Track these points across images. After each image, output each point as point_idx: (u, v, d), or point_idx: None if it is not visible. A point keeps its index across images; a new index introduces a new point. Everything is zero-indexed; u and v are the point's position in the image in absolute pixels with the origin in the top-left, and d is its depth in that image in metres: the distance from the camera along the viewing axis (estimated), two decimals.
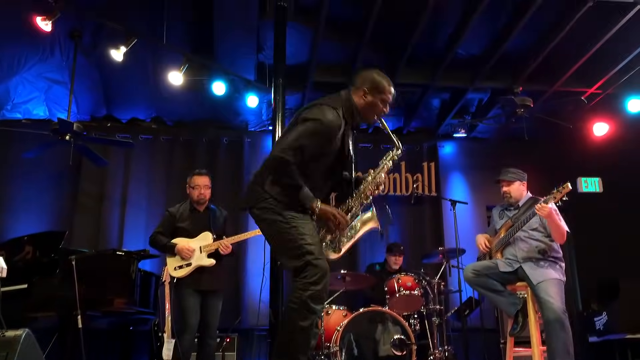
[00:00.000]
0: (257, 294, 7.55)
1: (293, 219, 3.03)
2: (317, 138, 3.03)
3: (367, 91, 3.19)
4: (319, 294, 2.92)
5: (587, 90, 7.28)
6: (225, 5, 5.76)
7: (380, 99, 3.21)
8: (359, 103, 3.21)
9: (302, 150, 3.01)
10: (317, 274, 2.91)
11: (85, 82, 7.25)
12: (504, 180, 4.88)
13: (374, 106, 3.21)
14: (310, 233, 3.02)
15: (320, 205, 3.08)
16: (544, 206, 4.34)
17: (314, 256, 2.94)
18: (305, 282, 2.92)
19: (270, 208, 3.07)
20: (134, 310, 5.35)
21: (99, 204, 7.79)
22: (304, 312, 2.91)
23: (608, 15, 5.98)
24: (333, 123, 3.04)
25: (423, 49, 6.83)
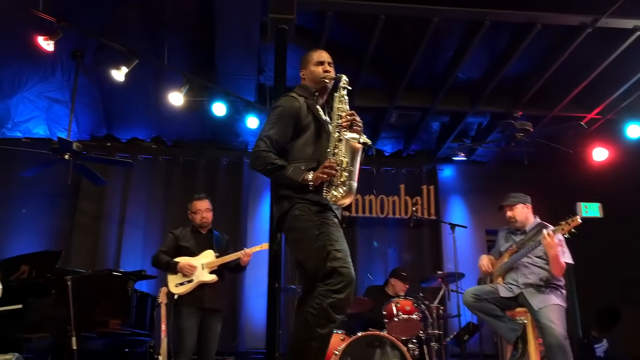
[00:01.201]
0: (255, 317, 7.54)
1: (322, 225, 3.00)
2: (283, 119, 3.19)
3: (302, 69, 3.48)
4: (341, 304, 2.86)
5: (587, 115, 7.30)
6: (227, 27, 5.80)
7: (313, 64, 3.42)
8: (307, 80, 3.43)
9: (270, 137, 3.14)
10: (342, 282, 2.85)
11: (86, 102, 7.28)
12: (506, 205, 4.86)
13: (313, 73, 3.40)
14: (339, 240, 2.98)
15: (311, 174, 3.02)
16: (551, 239, 4.32)
17: (340, 264, 2.89)
18: (328, 289, 2.85)
19: (299, 215, 3.04)
20: (129, 332, 5.30)
21: (96, 223, 7.77)
22: (323, 320, 2.84)
23: (607, 41, 6.01)
24: (291, 103, 3.23)
25: (423, 73, 6.87)
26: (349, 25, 6.14)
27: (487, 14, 5.57)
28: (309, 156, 3.13)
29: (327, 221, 3.03)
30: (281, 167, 3.07)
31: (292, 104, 3.23)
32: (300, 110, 3.22)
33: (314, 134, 3.21)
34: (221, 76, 6.67)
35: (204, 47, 6.43)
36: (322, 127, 3.25)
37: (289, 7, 5.14)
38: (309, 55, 3.49)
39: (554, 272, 4.45)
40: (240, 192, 8.16)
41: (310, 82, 3.41)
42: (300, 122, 3.20)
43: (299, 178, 3.02)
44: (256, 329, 7.46)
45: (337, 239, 2.99)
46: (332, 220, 3.06)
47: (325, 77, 3.36)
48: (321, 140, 3.21)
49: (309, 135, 3.20)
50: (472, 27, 5.92)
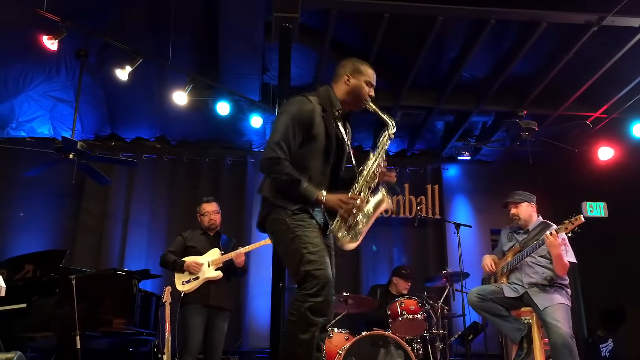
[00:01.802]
0: (259, 316, 7.53)
1: (297, 228, 2.92)
2: (295, 124, 2.99)
3: (349, 75, 3.20)
4: (320, 306, 2.81)
5: (592, 114, 7.27)
6: (231, 26, 5.79)
7: (365, 81, 3.20)
8: (343, 90, 3.20)
9: (286, 142, 2.96)
10: (317, 285, 2.80)
11: (90, 101, 7.29)
12: (511, 202, 4.84)
13: (360, 89, 3.19)
14: (313, 242, 2.91)
15: (326, 195, 2.94)
16: (553, 237, 4.30)
17: (314, 266, 2.83)
18: (304, 294, 2.81)
19: (277, 219, 2.99)
20: (133, 331, 5.29)
21: (101, 222, 7.78)
22: (304, 325, 2.81)
23: (613, 40, 5.99)
24: (305, 107, 3.04)
25: (427, 72, 6.85)
26: (353, 24, 6.13)
27: (492, 12, 5.54)
28: (304, 169, 3.00)
29: (302, 223, 2.95)
30: (297, 181, 2.93)
31: (306, 108, 3.04)
32: (314, 115, 3.04)
33: (318, 149, 3.07)
34: (225, 75, 6.66)
35: (208, 46, 6.42)
36: (331, 148, 3.11)
37: (293, 5, 5.14)
38: (362, 65, 3.24)
39: (558, 271, 4.43)
40: (245, 191, 8.15)
41: (347, 93, 3.19)
42: (310, 130, 3.03)
43: (313, 197, 2.94)
44: (260, 329, 7.46)
45: (312, 240, 2.91)
46: (307, 221, 2.97)
47: (367, 101, 3.21)
48: (324, 159, 3.10)
49: (312, 148, 3.05)
50: (477, 26, 5.90)
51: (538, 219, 4.79)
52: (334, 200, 2.94)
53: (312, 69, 6.78)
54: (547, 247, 4.39)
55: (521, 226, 4.81)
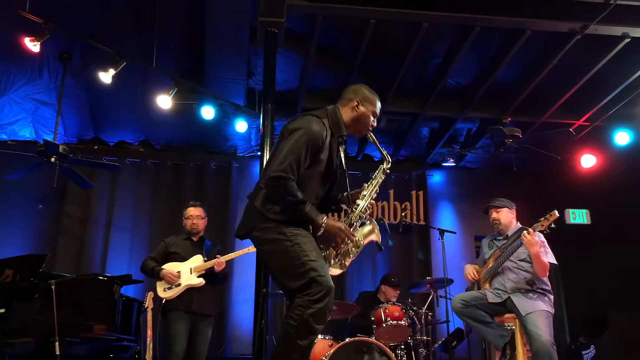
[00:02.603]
0: (242, 322, 7.48)
1: (295, 237, 2.95)
2: (307, 146, 2.99)
3: (359, 102, 3.25)
4: (322, 312, 2.83)
5: (575, 122, 7.33)
6: (216, 30, 5.77)
7: (372, 111, 3.27)
8: (351, 115, 3.26)
9: (297, 163, 2.97)
10: (321, 291, 2.82)
11: (73, 104, 7.21)
12: (492, 207, 4.88)
13: (366, 117, 3.26)
14: (313, 250, 2.96)
15: (326, 220, 3.03)
16: (530, 236, 4.33)
17: (318, 273, 2.85)
18: (308, 300, 2.81)
19: (270, 227, 3.00)
20: (114, 337, 5.21)
21: (83, 227, 7.70)
22: (304, 331, 2.81)
23: (596, 49, 6.05)
24: (318, 131, 3.04)
25: (413, 78, 6.87)
26: (339, 30, 6.13)
27: (477, 19, 5.57)
28: (301, 190, 3.00)
29: (299, 233, 2.99)
30: (303, 202, 2.97)
31: (321, 133, 3.04)
32: (324, 139, 3.07)
33: (318, 173, 3.13)
34: (210, 79, 6.62)
35: (193, 50, 6.39)
36: (330, 173, 3.19)
37: (279, 10, 5.12)
38: (372, 96, 3.30)
39: (538, 272, 4.45)
40: (229, 196, 8.12)
41: (352, 119, 3.25)
42: (319, 152, 3.07)
43: (315, 219, 3.01)
44: (244, 335, 7.40)
45: (311, 249, 2.96)
46: (303, 232, 3.01)
47: (369, 131, 3.33)
48: (320, 183, 3.18)
49: (313, 171, 3.10)
50: (462, 33, 5.92)
51: (517, 225, 4.83)
52: (334, 228, 3.05)
53: (298, 74, 6.77)
54: (525, 247, 4.42)
55: (501, 231, 4.85)
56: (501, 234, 4.87)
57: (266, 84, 5.18)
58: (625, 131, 7.32)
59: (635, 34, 5.66)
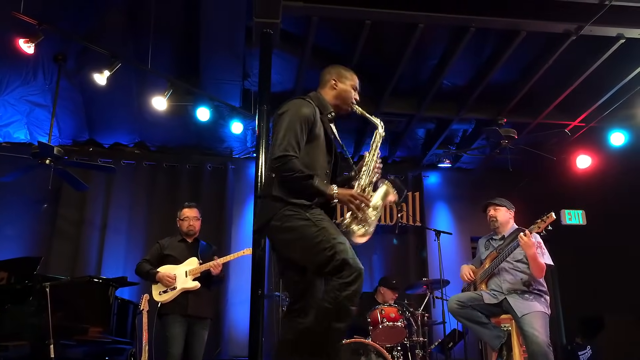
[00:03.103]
0: (238, 324, 7.47)
1: (321, 221, 2.95)
2: (301, 123, 3.06)
3: (336, 80, 3.38)
4: (355, 294, 2.84)
5: (571, 122, 7.34)
6: (212, 31, 5.76)
7: (351, 85, 3.39)
8: (332, 94, 3.37)
9: (296, 140, 3.02)
10: (353, 273, 2.83)
11: (68, 106, 7.19)
12: (491, 204, 4.88)
13: (346, 92, 3.37)
14: (339, 233, 2.96)
15: (337, 189, 3.02)
16: (527, 237, 4.33)
17: (349, 255, 2.85)
18: (342, 282, 2.82)
19: (292, 214, 2.98)
20: (110, 340, 5.21)
21: (78, 229, 7.67)
22: (341, 313, 2.83)
23: (591, 49, 6.05)
24: (308, 108, 3.13)
25: (408, 79, 6.86)
26: (335, 31, 6.12)
27: (472, 20, 5.56)
28: (308, 166, 3.04)
29: (323, 217, 2.99)
30: (310, 177, 2.98)
31: (309, 109, 3.14)
32: (314, 115, 3.15)
33: (320, 147, 3.17)
34: (206, 81, 6.61)
35: (188, 51, 6.37)
36: (331, 146, 3.23)
37: (274, 11, 5.10)
38: (348, 72, 3.43)
39: (535, 273, 4.45)
40: (225, 198, 8.10)
41: (335, 97, 3.36)
42: (313, 129, 3.13)
43: (327, 191, 3.00)
44: (240, 336, 7.39)
45: (337, 233, 2.95)
46: (326, 217, 3.02)
47: (353, 104, 3.39)
48: (326, 157, 3.20)
49: (315, 146, 3.14)
50: (458, 34, 5.92)
51: (513, 225, 4.83)
52: (346, 196, 3.03)
53: (293, 75, 6.76)
54: (522, 248, 4.42)
55: (497, 230, 4.85)
56: (497, 233, 4.87)
57: (261, 85, 5.17)
58: (621, 132, 7.33)
59: (630, 35, 5.67)
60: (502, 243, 4.74)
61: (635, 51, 5.97)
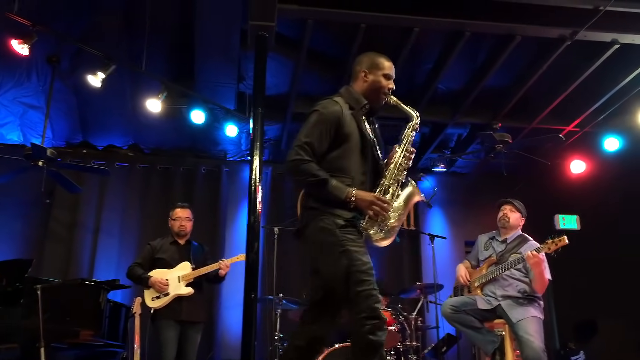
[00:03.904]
0: (232, 327, 7.43)
1: (346, 241, 2.83)
2: (321, 125, 2.93)
3: (367, 72, 3.17)
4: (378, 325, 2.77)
5: (565, 128, 7.34)
6: (207, 34, 5.74)
7: (382, 75, 3.17)
8: (363, 87, 3.16)
9: (311, 144, 2.89)
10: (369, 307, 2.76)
11: (61, 108, 7.14)
12: (510, 203, 4.86)
13: (378, 83, 3.16)
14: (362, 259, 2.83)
15: (356, 192, 2.86)
16: (535, 256, 4.31)
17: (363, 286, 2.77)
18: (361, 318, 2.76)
19: (324, 227, 2.87)
20: (101, 343, 5.17)
21: (70, 231, 7.62)
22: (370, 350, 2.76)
23: (586, 54, 6.06)
24: (331, 108, 2.98)
25: (403, 83, 6.83)
26: (330, 34, 6.11)
27: (467, 24, 5.57)
28: (343, 170, 2.93)
29: (351, 237, 2.85)
30: (324, 181, 2.84)
31: (333, 109, 2.98)
32: (341, 116, 2.97)
33: (353, 148, 2.99)
34: (200, 83, 6.59)
35: (183, 53, 6.35)
36: (366, 144, 3.04)
37: (269, 14, 5.09)
38: (378, 59, 3.21)
39: (536, 288, 4.46)
40: (219, 201, 8.07)
41: (367, 90, 3.15)
42: (341, 130, 2.96)
43: (343, 195, 2.84)
44: (233, 340, 7.35)
45: (360, 257, 2.82)
46: (356, 236, 2.88)
47: (387, 94, 3.17)
48: (361, 157, 3.02)
49: (347, 148, 2.97)
50: (453, 38, 5.93)
51: (518, 230, 4.83)
52: (364, 200, 2.86)
53: (288, 79, 6.75)
54: (530, 266, 4.41)
55: (502, 230, 4.82)
56: (501, 234, 4.86)
57: (256, 87, 5.15)
58: (615, 137, 7.34)
59: (624, 40, 5.68)
60: (504, 249, 4.72)
61: (629, 56, 6.00)
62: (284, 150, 8.16)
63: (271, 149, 8.24)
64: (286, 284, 7.27)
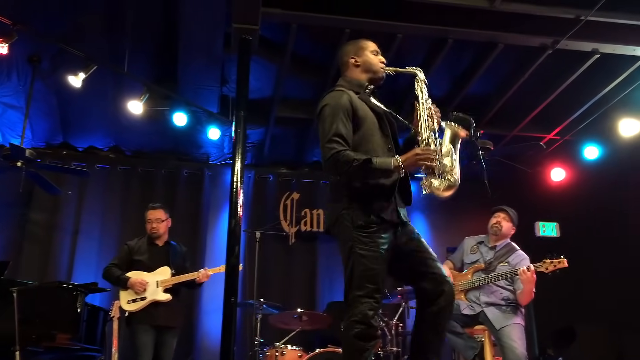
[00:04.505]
0: (211, 332, 7.37)
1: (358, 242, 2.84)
2: (339, 114, 2.95)
3: (355, 57, 3.25)
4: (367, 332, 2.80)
5: (546, 135, 7.42)
6: (190, 36, 5.71)
7: (370, 51, 3.26)
8: (357, 70, 3.24)
9: (339, 134, 2.90)
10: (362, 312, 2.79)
11: (41, 108, 7.05)
12: (505, 212, 4.87)
13: (370, 61, 3.24)
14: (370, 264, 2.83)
15: (400, 157, 2.89)
16: (532, 274, 4.32)
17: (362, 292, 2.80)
18: (351, 321, 2.79)
19: (344, 224, 2.90)
20: (79, 347, 5.10)
21: (49, 233, 7.52)
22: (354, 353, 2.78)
23: (567, 63, 6.13)
24: (340, 96, 3.03)
25: (386, 90, 6.83)
26: (314, 39, 6.12)
27: (450, 32, 5.60)
28: (369, 153, 2.93)
29: (365, 239, 2.85)
30: (368, 161, 2.83)
31: (342, 97, 3.03)
32: (352, 101, 3.03)
33: (373, 128, 3.05)
34: (183, 86, 6.54)
35: (166, 55, 6.30)
36: (382, 120, 3.11)
37: (253, 17, 5.08)
38: (361, 42, 3.29)
39: (521, 301, 4.50)
40: (201, 204, 8.02)
41: (362, 71, 3.23)
42: (356, 115, 3.02)
43: (391, 165, 2.87)
44: (212, 345, 7.27)
45: (365, 262, 2.82)
46: (370, 238, 2.87)
47: (383, 69, 3.25)
48: (382, 134, 3.07)
49: (366, 130, 3.02)
50: (436, 45, 5.96)
51: (507, 240, 4.86)
52: (410, 158, 2.89)
53: (272, 82, 6.74)
54: (522, 283, 4.43)
55: (494, 235, 4.83)
56: (490, 240, 4.87)
57: (239, 90, 5.13)
58: (595, 146, 7.42)
59: (604, 50, 5.76)
60: (492, 257, 4.74)
61: (609, 66, 6.08)
62: (266, 155, 8.15)
63: (254, 152, 8.21)
64: (267, 289, 7.25)
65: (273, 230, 7.52)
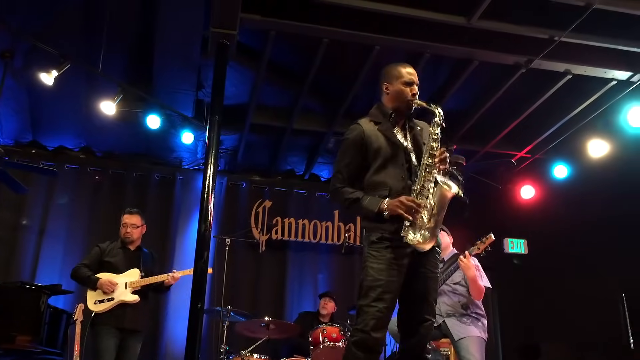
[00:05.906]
0: (177, 338, 7.28)
1: (370, 257, 3.04)
2: (347, 151, 3.17)
3: (387, 84, 3.29)
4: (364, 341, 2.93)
5: (517, 153, 7.52)
6: (167, 38, 5.67)
7: (402, 83, 3.24)
8: (388, 99, 3.29)
9: (341, 171, 3.15)
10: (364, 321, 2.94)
11: (11, 105, 6.91)
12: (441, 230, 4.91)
13: (400, 92, 3.24)
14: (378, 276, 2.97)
15: (387, 202, 2.96)
16: (467, 259, 4.39)
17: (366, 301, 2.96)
18: (354, 328, 2.99)
19: (364, 240, 3.16)
20: (39, 350, 4.99)
21: (14, 233, 7.35)
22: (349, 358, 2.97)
23: (540, 83, 6.24)
24: (352, 132, 3.19)
25: (363, 100, 6.89)
26: (292, 47, 6.12)
27: (427, 46, 5.67)
28: (380, 184, 3.06)
29: (375, 254, 3.01)
30: (357, 200, 3.05)
31: (354, 133, 3.18)
32: (364, 136, 3.13)
33: (388, 159, 3.10)
34: (158, 88, 6.48)
35: (142, 57, 6.23)
36: (398, 151, 3.13)
37: (232, 22, 5.07)
38: (396, 69, 3.28)
39: (474, 295, 4.51)
40: (172, 208, 7.94)
41: (392, 100, 3.26)
42: (369, 148, 3.12)
43: (375, 208, 2.99)
44: (177, 351, 7.18)
45: (373, 274, 2.97)
46: (381, 253, 3.00)
47: (413, 100, 3.23)
48: (397, 166, 3.10)
49: (381, 161, 3.10)
50: (413, 58, 6.00)
51: (452, 250, 4.90)
52: (392, 205, 2.95)
53: (248, 89, 6.72)
54: (462, 270, 4.48)
55: None
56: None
57: (215, 95, 5.11)
58: (564, 165, 7.53)
59: (576, 71, 5.88)
60: (442, 266, 4.78)
61: (580, 87, 6.21)
62: (240, 161, 8.11)
63: (227, 158, 8.16)
64: (235, 296, 7.20)
65: (244, 238, 7.47)
